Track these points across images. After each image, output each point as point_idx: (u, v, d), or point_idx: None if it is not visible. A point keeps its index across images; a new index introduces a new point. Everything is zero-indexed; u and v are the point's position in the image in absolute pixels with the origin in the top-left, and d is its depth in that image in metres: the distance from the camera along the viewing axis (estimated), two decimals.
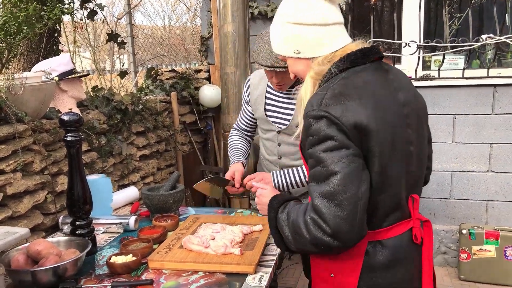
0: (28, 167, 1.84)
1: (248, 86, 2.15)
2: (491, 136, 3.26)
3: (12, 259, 1.44)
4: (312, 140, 1.15)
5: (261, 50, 1.83)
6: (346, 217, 1.09)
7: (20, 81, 1.77)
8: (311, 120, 1.15)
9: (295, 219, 1.20)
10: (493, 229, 3.11)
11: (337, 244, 1.12)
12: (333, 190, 1.10)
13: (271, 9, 3.53)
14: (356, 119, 1.12)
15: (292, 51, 1.28)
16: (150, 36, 4.86)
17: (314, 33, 1.23)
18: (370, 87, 1.19)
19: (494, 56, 3.20)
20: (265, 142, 2.16)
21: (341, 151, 1.11)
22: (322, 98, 1.15)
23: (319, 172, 1.13)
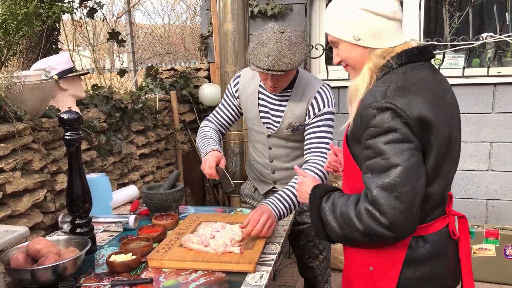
0: (28, 165, 1.84)
1: (238, 82, 2.06)
2: (491, 135, 3.26)
3: (12, 258, 1.44)
4: (373, 131, 1.15)
5: (257, 51, 1.75)
6: (404, 210, 1.12)
7: (20, 79, 1.76)
8: (374, 111, 1.15)
9: (343, 210, 1.21)
10: (493, 228, 3.11)
11: (391, 235, 1.14)
12: (394, 182, 1.12)
13: (270, 8, 3.53)
14: (420, 112, 1.14)
15: (352, 36, 1.25)
16: (149, 34, 4.86)
17: (380, 24, 1.23)
18: (428, 84, 1.22)
19: (494, 55, 3.19)
20: (255, 144, 2.11)
21: (404, 144, 1.13)
22: (386, 90, 1.16)
23: (378, 163, 1.14)
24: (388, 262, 1.25)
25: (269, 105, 1.98)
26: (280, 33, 1.72)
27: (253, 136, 2.11)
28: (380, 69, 1.24)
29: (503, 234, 3.04)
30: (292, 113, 1.93)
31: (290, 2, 3.54)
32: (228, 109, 2.11)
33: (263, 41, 1.73)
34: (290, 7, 3.55)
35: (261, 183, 2.18)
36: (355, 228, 1.18)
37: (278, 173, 2.09)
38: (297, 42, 1.74)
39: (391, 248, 1.24)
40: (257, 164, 2.14)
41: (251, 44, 1.80)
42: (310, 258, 2.19)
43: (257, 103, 2.00)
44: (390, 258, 1.25)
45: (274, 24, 1.78)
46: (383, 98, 1.14)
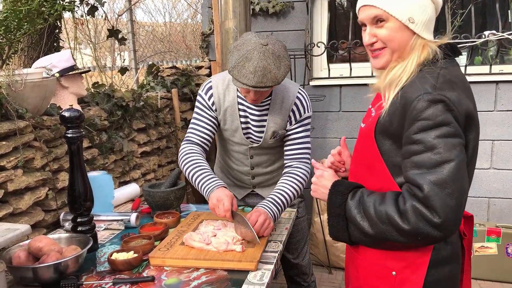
0: (29, 163, 1.84)
1: (211, 94, 1.92)
2: (493, 133, 3.25)
3: (13, 256, 1.43)
4: (424, 124, 1.09)
5: (241, 67, 1.66)
6: (456, 208, 1.07)
7: (21, 77, 1.76)
8: (426, 103, 1.09)
9: (380, 208, 1.14)
10: (494, 226, 3.10)
11: (439, 235, 1.09)
12: (448, 178, 1.07)
13: (272, 5, 3.52)
14: (468, 108, 1.11)
15: (408, 17, 1.17)
16: (151, 33, 4.85)
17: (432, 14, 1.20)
18: (465, 80, 1.20)
19: (496, 53, 3.18)
20: (233, 154, 2.03)
21: (456, 139, 1.09)
22: (436, 82, 1.11)
23: (429, 158, 1.08)
24: (413, 266, 1.20)
25: (250, 116, 1.91)
26: (263, 46, 1.65)
27: (230, 146, 2.02)
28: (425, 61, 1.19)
29: (505, 232, 3.03)
30: (274, 122, 1.90)
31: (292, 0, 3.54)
32: (208, 123, 1.93)
33: (246, 55, 1.65)
34: (292, 4, 3.54)
35: (238, 188, 2.15)
36: (398, 228, 1.11)
37: (258, 178, 2.08)
38: (280, 54, 1.68)
39: (416, 251, 1.19)
40: (235, 172, 2.09)
41: (232, 58, 1.69)
42: (294, 255, 2.20)
43: (238, 115, 1.91)
44: (415, 262, 1.20)
45: (254, 36, 1.70)
46: (435, 90, 1.10)
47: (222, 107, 1.92)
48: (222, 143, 2.07)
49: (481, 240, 3.08)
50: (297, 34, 3.53)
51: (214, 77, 1.97)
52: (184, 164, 1.85)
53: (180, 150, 1.92)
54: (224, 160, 2.12)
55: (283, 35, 3.56)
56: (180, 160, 1.88)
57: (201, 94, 1.95)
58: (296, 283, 2.30)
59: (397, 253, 1.21)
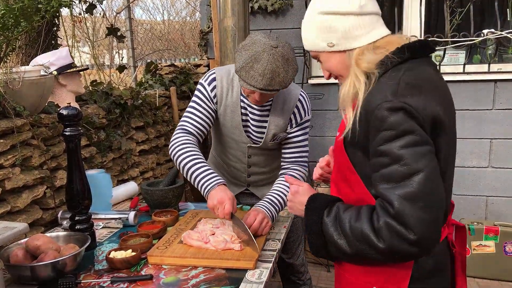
0: (27, 161, 1.83)
1: (215, 86, 1.86)
2: (492, 132, 3.25)
3: (11, 254, 1.43)
4: (387, 135, 1.02)
5: (249, 68, 1.61)
6: (432, 221, 0.99)
7: (19, 75, 1.75)
8: (385, 112, 1.02)
9: (355, 225, 1.06)
10: (492, 224, 3.11)
11: (417, 252, 1.01)
12: (417, 191, 0.98)
13: (271, 3, 3.51)
14: (434, 112, 1.03)
15: (326, 44, 1.16)
16: (149, 31, 4.84)
17: (349, 23, 1.13)
18: (435, 81, 1.12)
19: (495, 51, 3.18)
20: (231, 151, 1.99)
21: (423, 147, 1.00)
22: (396, 89, 1.04)
23: (396, 171, 1.01)
24: (393, 280, 1.14)
25: (250, 115, 1.87)
26: (273, 48, 1.61)
27: (228, 142, 1.97)
28: (377, 65, 1.11)
29: (503, 230, 3.04)
30: (275, 124, 1.87)
31: None
32: (206, 115, 1.86)
33: (256, 57, 1.60)
34: (291, 2, 3.53)
35: (232, 185, 2.12)
36: (373, 246, 1.04)
37: (254, 177, 2.06)
38: (289, 57, 1.64)
39: (398, 265, 1.12)
40: (231, 168, 2.07)
41: (240, 58, 1.64)
42: (289, 254, 2.20)
43: (239, 112, 1.87)
44: (396, 276, 1.13)
45: (263, 36, 1.65)
46: (395, 97, 1.02)
47: (224, 102, 1.87)
48: (220, 139, 2.00)
49: (479, 238, 3.09)
50: (296, 32, 3.53)
51: (218, 69, 1.91)
52: (178, 154, 1.75)
53: (173, 138, 1.81)
54: (219, 156, 2.08)
55: (282, 33, 3.55)
56: (174, 149, 1.77)
57: (203, 84, 1.87)
58: (291, 282, 2.30)
59: (378, 267, 1.14)
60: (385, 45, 1.14)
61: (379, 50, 1.13)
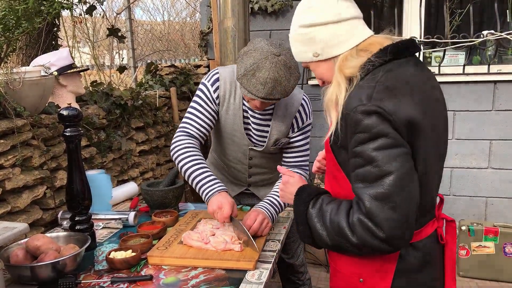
0: (27, 162, 1.84)
1: (218, 87, 1.81)
2: (491, 133, 3.26)
3: (11, 254, 1.43)
4: (361, 137, 1.06)
5: (251, 75, 1.59)
6: (400, 220, 1.04)
7: (19, 75, 1.76)
8: (360, 115, 1.05)
9: (334, 219, 1.12)
10: (492, 225, 3.11)
11: (387, 248, 1.07)
12: (388, 191, 1.03)
13: (271, 4, 3.52)
14: (409, 115, 1.05)
15: (311, 55, 1.21)
16: (149, 31, 4.85)
17: (330, 31, 1.16)
18: (417, 82, 1.13)
19: (494, 53, 3.19)
20: (232, 153, 1.97)
21: (395, 150, 1.04)
22: (372, 92, 1.07)
23: (369, 172, 1.05)
24: (379, 274, 1.18)
25: (252, 119, 1.85)
26: (275, 56, 1.58)
27: (229, 145, 1.95)
28: (360, 68, 1.14)
29: (503, 231, 3.04)
30: (278, 129, 1.86)
31: None
32: (208, 117, 1.82)
33: (258, 64, 1.58)
34: (291, 3, 3.54)
35: (232, 184, 2.12)
36: (348, 240, 1.09)
37: (254, 177, 2.06)
38: (292, 65, 1.61)
39: (382, 259, 1.17)
40: (232, 169, 2.06)
41: (242, 65, 1.62)
42: (289, 254, 2.20)
43: (241, 115, 1.84)
44: (381, 269, 1.18)
45: (266, 43, 1.62)
46: (369, 101, 1.05)
47: (226, 104, 1.84)
48: (220, 140, 1.97)
49: (478, 239, 3.09)
50: None
51: (222, 69, 1.86)
52: (180, 158, 1.74)
53: (175, 141, 1.79)
54: (219, 157, 2.07)
55: (282, 34, 3.56)
56: (176, 152, 1.76)
57: (206, 85, 1.83)
58: (291, 282, 2.30)
59: (364, 259, 1.19)
60: (368, 47, 1.17)
61: (363, 52, 1.16)
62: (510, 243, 3.03)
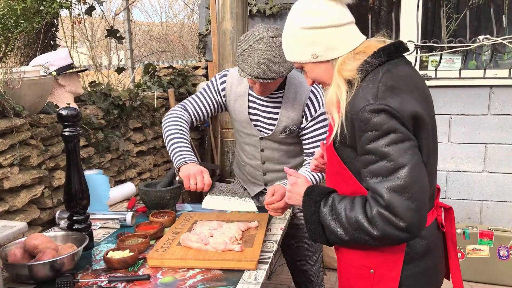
0: (25, 161, 1.84)
1: (225, 81, 1.97)
2: (487, 137, 3.28)
3: (9, 253, 1.44)
4: (372, 135, 1.13)
5: (247, 57, 1.69)
6: (418, 209, 1.11)
7: (18, 75, 1.76)
8: (369, 114, 1.12)
9: (350, 215, 1.18)
10: (487, 229, 3.13)
11: (406, 237, 1.13)
12: (404, 183, 1.10)
13: (269, 7, 3.54)
14: (413, 110, 1.13)
15: (310, 56, 1.25)
16: (147, 32, 4.85)
17: (331, 35, 1.22)
18: (413, 80, 1.21)
19: (490, 57, 3.21)
20: (245, 147, 2.05)
21: (405, 143, 1.12)
22: (377, 92, 1.14)
23: (384, 166, 1.12)
24: (388, 263, 1.25)
25: (260, 107, 1.92)
26: (270, 38, 1.66)
27: (242, 138, 2.04)
28: (358, 70, 1.20)
29: (497, 235, 3.06)
30: (287, 116, 1.89)
31: (289, 1, 3.55)
32: (208, 102, 1.99)
33: (253, 46, 1.67)
34: (289, 6, 3.55)
35: (251, 184, 2.15)
36: (368, 233, 1.16)
37: (269, 175, 2.07)
38: None
39: (390, 249, 1.23)
40: (247, 166, 2.10)
41: (240, 48, 1.72)
42: (303, 261, 2.17)
43: (246, 106, 1.93)
44: (390, 259, 1.25)
45: (264, 27, 1.71)
46: (376, 100, 1.12)
47: (232, 97, 1.96)
48: (236, 137, 2.10)
49: (473, 242, 3.11)
50: None
51: (232, 68, 2.02)
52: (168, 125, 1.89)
53: (170, 111, 1.95)
54: (238, 154, 2.16)
55: None
56: (166, 119, 1.91)
57: (216, 77, 2.00)
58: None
59: (373, 251, 1.25)
60: (364, 50, 1.23)
61: (359, 55, 1.22)
62: (505, 247, 3.05)
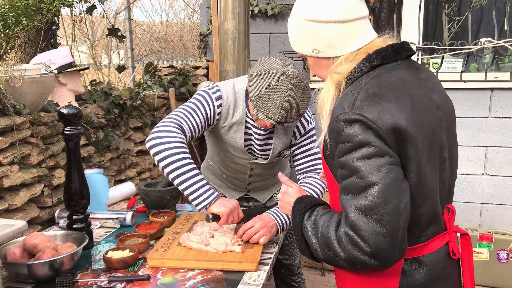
0: (25, 159, 1.83)
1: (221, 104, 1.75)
2: (487, 140, 3.28)
3: (8, 252, 1.43)
4: (344, 147, 1.02)
5: (266, 98, 1.54)
6: (387, 234, 0.97)
7: (19, 73, 1.75)
8: (342, 124, 1.01)
9: (325, 232, 1.07)
10: (487, 231, 3.12)
11: (375, 263, 1.00)
12: (372, 203, 0.97)
13: (271, 7, 3.53)
14: (394, 122, 0.99)
15: (311, 49, 1.16)
16: (148, 32, 4.84)
17: (333, 31, 1.11)
18: (406, 87, 1.07)
19: (492, 60, 3.21)
20: (232, 165, 1.95)
21: (379, 159, 0.98)
22: (355, 100, 1.02)
23: (353, 183, 1.01)
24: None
25: (255, 135, 1.82)
26: (291, 78, 1.54)
27: (229, 158, 1.92)
28: (348, 74, 1.10)
29: (497, 238, 3.06)
30: (280, 142, 1.84)
31: (291, 2, 3.54)
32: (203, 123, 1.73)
33: (273, 87, 1.53)
34: (290, 7, 3.55)
35: (231, 190, 2.11)
36: (337, 254, 1.04)
37: (254, 184, 2.05)
38: (305, 87, 1.58)
39: (383, 275, 1.10)
40: (231, 178, 2.04)
41: (257, 87, 1.56)
42: (287, 256, 2.20)
43: (242, 133, 1.81)
44: (384, 285, 1.11)
45: (281, 65, 1.57)
46: (351, 109, 1.01)
47: (227, 122, 1.79)
48: (219, 152, 1.94)
49: (473, 245, 3.09)
50: None
51: (223, 87, 1.78)
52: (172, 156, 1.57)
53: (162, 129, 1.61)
54: (218, 166, 2.05)
55: (281, 37, 3.57)
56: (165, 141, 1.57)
57: (211, 97, 1.74)
58: (286, 283, 2.30)
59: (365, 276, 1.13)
60: (366, 50, 1.12)
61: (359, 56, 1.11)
62: (504, 250, 3.05)
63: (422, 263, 1.11)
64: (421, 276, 1.11)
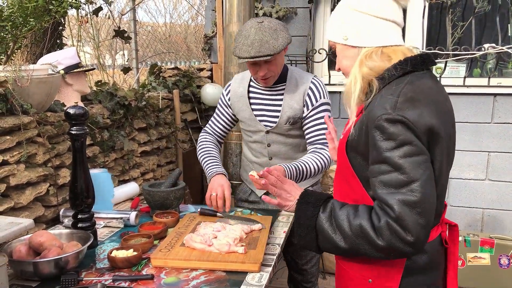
0: (32, 159, 1.85)
1: (229, 91, 2.12)
2: (490, 145, 3.29)
3: (14, 250, 1.44)
4: (387, 144, 1.11)
5: (241, 44, 1.82)
6: (426, 225, 1.10)
7: (27, 73, 1.77)
8: (385, 123, 1.11)
9: (355, 223, 1.15)
10: (488, 237, 3.13)
11: (411, 251, 1.12)
12: (417, 198, 1.08)
13: (275, 11, 3.55)
14: (429, 124, 1.11)
15: (341, 36, 1.25)
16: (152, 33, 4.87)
17: (365, 21, 1.21)
18: (433, 94, 1.19)
19: (495, 66, 3.22)
20: (252, 145, 2.13)
21: (419, 157, 1.10)
22: (396, 102, 1.12)
23: (396, 178, 1.10)
24: (388, 274, 1.24)
25: (264, 101, 2.01)
26: (259, 23, 1.80)
27: (249, 137, 2.12)
28: (381, 76, 1.19)
29: (498, 243, 3.06)
30: (289, 106, 1.97)
31: (295, 5, 3.57)
32: (223, 119, 2.18)
33: (245, 34, 1.81)
34: (295, 10, 3.57)
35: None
36: (372, 243, 1.13)
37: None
38: (277, 28, 1.81)
39: (390, 261, 1.22)
40: (254, 165, 2.14)
41: (235, 42, 1.86)
42: (303, 261, 2.19)
43: (248, 103, 2.04)
44: (390, 270, 1.23)
45: (253, 18, 1.87)
46: (394, 111, 1.11)
47: (236, 98, 2.08)
48: (244, 137, 2.20)
49: (474, 250, 3.11)
50: (299, 40, 3.57)
51: (236, 76, 2.17)
52: (198, 152, 2.11)
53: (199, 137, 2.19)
54: (246, 156, 2.22)
55: None
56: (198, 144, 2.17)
57: (223, 93, 2.16)
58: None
59: (373, 263, 1.24)
60: (390, 53, 1.21)
61: (384, 56, 1.21)
62: (506, 255, 3.05)
63: (424, 250, 1.23)
64: (423, 261, 1.24)
